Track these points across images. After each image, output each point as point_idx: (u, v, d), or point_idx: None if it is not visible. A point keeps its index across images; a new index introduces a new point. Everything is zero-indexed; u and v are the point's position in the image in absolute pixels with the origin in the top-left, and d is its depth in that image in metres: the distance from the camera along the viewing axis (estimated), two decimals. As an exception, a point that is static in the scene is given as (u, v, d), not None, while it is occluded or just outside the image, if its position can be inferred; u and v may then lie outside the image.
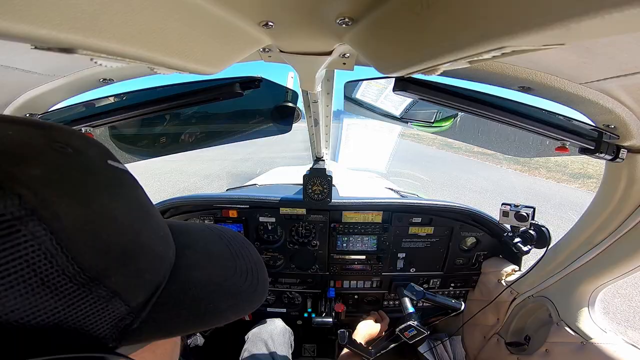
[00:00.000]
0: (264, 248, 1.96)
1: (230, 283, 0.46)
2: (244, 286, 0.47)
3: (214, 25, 0.53)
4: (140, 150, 1.66)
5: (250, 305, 0.47)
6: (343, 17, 0.53)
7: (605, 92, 0.78)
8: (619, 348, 1.14)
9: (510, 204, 1.48)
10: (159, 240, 0.40)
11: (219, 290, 0.44)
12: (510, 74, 0.79)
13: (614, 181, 1.09)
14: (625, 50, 0.55)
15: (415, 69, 0.52)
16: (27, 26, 0.33)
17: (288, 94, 1.26)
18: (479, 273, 1.99)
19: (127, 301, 0.34)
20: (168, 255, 0.42)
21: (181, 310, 0.40)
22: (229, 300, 0.45)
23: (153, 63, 0.51)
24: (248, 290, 0.47)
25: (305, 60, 0.76)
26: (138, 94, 1.08)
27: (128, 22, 0.40)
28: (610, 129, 0.91)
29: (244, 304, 0.46)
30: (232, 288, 0.46)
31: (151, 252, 0.38)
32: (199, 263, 0.46)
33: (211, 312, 0.42)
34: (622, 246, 1.14)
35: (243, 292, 0.47)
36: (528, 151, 1.39)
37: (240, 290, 0.47)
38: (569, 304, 1.33)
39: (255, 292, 0.48)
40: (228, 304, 0.44)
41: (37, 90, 0.95)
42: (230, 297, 0.45)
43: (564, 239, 1.39)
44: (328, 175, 1.74)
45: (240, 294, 0.46)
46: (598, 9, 0.24)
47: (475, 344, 1.94)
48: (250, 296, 0.47)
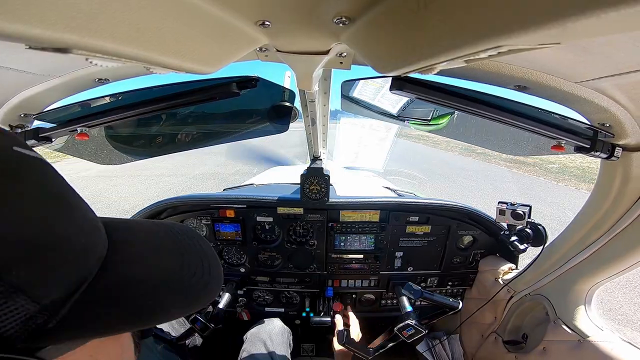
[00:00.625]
0: (261, 248, 1.96)
1: (175, 278, 0.44)
2: (192, 281, 0.45)
3: (211, 25, 0.53)
4: (137, 150, 1.66)
5: (199, 302, 0.45)
6: (340, 16, 0.53)
7: (600, 91, 0.78)
8: (616, 346, 1.15)
9: (506, 203, 1.49)
10: (81, 233, 0.37)
11: (161, 286, 0.42)
12: (506, 73, 0.79)
13: (609, 179, 1.10)
14: (620, 50, 0.55)
15: (412, 68, 0.52)
16: (22, 26, 0.33)
17: (285, 93, 1.26)
18: (476, 271, 2.00)
19: (35, 298, 0.31)
20: (96, 249, 0.39)
21: (113, 308, 0.37)
22: (174, 297, 0.43)
23: (149, 63, 0.51)
24: (197, 286, 0.45)
25: (302, 60, 0.76)
26: (134, 94, 1.07)
27: (124, 22, 0.40)
28: (605, 127, 0.92)
29: (191, 300, 0.44)
30: (177, 284, 0.44)
31: (69, 245, 0.35)
32: (139, 258, 0.43)
33: (150, 309, 0.39)
34: (618, 244, 1.15)
35: (191, 287, 0.45)
36: (524, 150, 1.39)
37: (186, 286, 0.44)
38: (566, 302, 1.34)
39: (205, 289, 0.46)
40: (172, 301, 0.42)
41: (32, 90, 0.94)
42: (174, 293, 0.43)
43: (560, 237, 1.40)
44: (325, 174, 1.74)
45: (188, 289, 0.44)
46: (594, 8, 0.24)
47: (473, 343, 1.94)
48: (200, 292, 0.45)
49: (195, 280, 0.45)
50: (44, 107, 1.06)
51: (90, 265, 0.37)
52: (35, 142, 1.12)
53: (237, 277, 2.02)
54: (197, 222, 1.92)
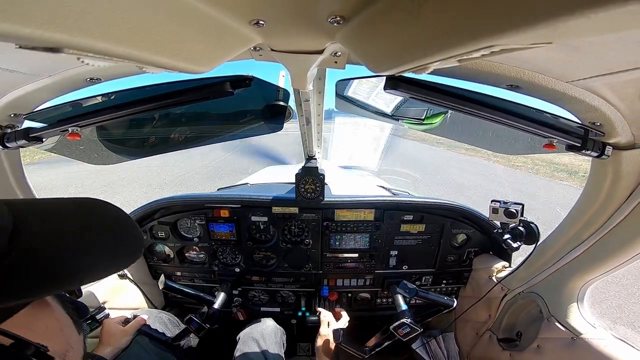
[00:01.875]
0: (256, 247, 1.96)
1: (82, 243, 0.47)
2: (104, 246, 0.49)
3: (204, 24, 0.52)
4: (130, 151, 1.64)
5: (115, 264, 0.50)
6: (334, 15, 0.53)
7: (591, 90, 0.79)
8: (609, 343, 1.17)
9: (499, 201, 1.50)
10: None
11: (71, 251, 0.45)
12: (499, 72, 0.80)
13: (600, 178, 1.11)
14: (611, 49, 0.56)
15: (405, 68, 0.53)
16: (12, 25, 0.32)
17: (279, 92, 1.26)
18: (470, 270, 2.01)
19: None
20: (2, 219, 0.42)
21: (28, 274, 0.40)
22: (86, 260, 0.46)
23: (142, 62, 0.50)
24: (106, 249, 0.49)
25: (296, 59, 0.76)
26: (126, 94, 1.06)
27: (116, 21, 0.40)
28: (596, 126, 0.93)
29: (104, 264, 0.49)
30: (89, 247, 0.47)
31: None
32: (44, 229, 0.46)
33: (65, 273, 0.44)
34: (610, 241, 1.16)
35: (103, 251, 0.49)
36: (516, 148, 1.41)
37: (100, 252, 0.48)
38: (559, 299, 1.35)
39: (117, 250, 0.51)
40: (85, 264, 0.46)
41: (22, 90, 0.93)
42: (86, 256, 0.47)
43: (552, 235, 1.41)
44: (320, 173, 1.74)
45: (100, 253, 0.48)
46: (584, 8, 0.24)
47: (468, 340, 1.96)
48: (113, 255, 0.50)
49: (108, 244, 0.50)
50: (34, 106, 1.05)
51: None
52: (26, 142, 1.10)
53: (232, 277, 2.01)
54: (191, 222, 1.91)
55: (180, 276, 2.09)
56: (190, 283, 2.10)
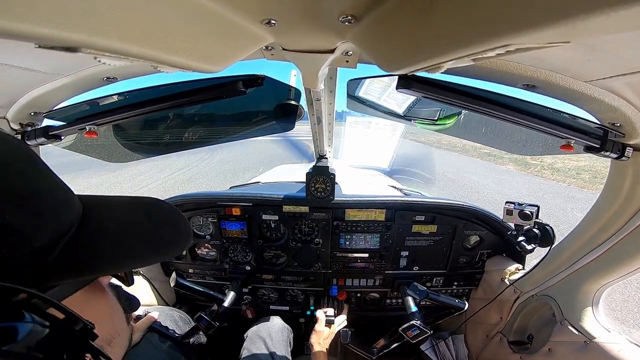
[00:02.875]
0: (266, 246, 1.97)
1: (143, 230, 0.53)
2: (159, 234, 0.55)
3: (217, 24, 0.53)
4: (145, 148, 1.67)
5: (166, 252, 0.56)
6: (346, 14, 0.52)
7: (610, 90, 0.77)
8: (623, 347, 1.13)
9: (514, 202, 1.48)
10: (60, 188, 0.45)
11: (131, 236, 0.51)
12: (514, 71, 0.78)
13: (619, 180, 1.08)
14: (631, 48, 0.54)
15: (418, 67, 0.52)
16: (31, 25, 0.33)
17: (291, 92, 1.26)
18: (483, 272, 1.98)
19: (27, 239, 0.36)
20: (75, 204, 0.46)
21: (93, 253, 0.45)
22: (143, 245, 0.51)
23: (156, 61, 0.51)
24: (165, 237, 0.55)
25: (308, 58, 0.76)
26: (141, 93, 1.08)
27: (131, 21, 0.40)
28: (615, 127, 0.90)
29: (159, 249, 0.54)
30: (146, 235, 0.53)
31: (50, 195, 0.42)
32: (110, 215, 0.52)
33: (123, 254, 0.49)
34: (627, 245, 1.13)
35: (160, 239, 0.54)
36: (533, 149, 1.38)
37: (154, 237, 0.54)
38: (573, 303, 1.32)
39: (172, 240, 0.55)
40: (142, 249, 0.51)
41: (42, 89, 0.95)
42: (143, 242, 0.52)
43: (568, 237, 1.38)
44: (331, 173, 1.74)
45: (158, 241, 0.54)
46: (604, 6, 0.24)
47: (477, 343, 1.93)
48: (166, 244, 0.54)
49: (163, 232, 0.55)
50: (53, 105, 1.08)
51: (72, 217, 0.44)
52: (45, 139, 1.14)
53: (243, 275, 2.03)
54: (203, 219, 1.94)
55: (192, 273, 2.11)
56: (202, 280, 2.13)
